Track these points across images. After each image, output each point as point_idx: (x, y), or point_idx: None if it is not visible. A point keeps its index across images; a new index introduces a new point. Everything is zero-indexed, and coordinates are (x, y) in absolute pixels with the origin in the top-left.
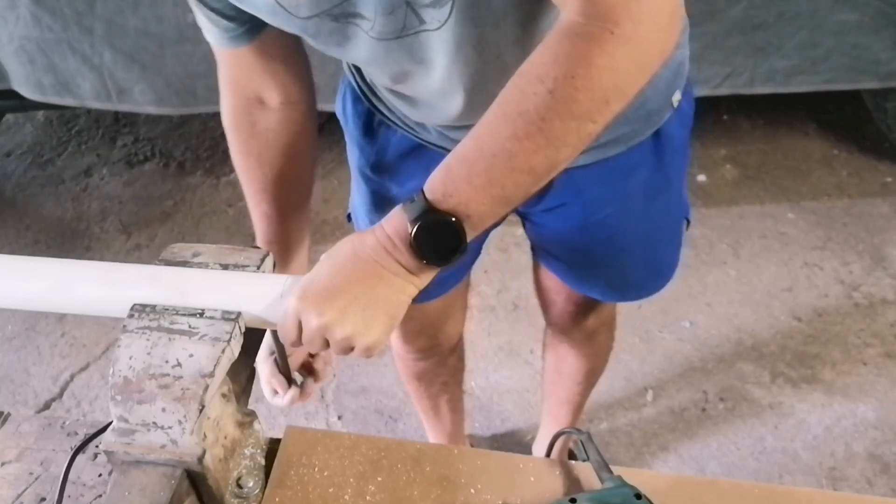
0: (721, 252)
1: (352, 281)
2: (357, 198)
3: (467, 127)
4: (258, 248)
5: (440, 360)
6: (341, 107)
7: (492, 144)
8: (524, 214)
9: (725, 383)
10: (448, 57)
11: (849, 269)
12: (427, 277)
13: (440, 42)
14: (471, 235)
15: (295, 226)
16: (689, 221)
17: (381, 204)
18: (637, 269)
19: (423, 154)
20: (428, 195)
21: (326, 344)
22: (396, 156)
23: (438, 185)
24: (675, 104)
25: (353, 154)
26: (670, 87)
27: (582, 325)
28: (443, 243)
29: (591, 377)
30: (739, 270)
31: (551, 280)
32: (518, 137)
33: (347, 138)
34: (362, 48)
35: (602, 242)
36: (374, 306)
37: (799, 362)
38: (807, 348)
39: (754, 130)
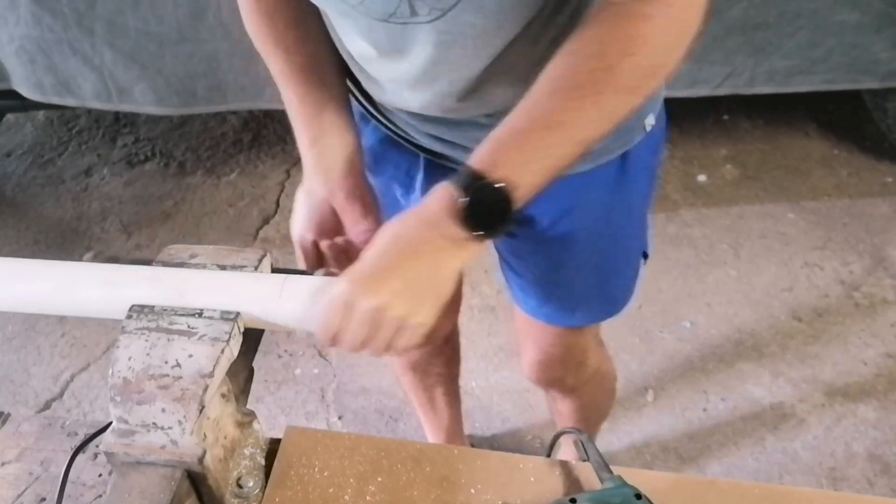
0: (721, 252)
1: (398, 261)
2: None
3: (436, 119)
4: (255, 248)
5: (434, 350)
6: None
7: (544, 116)
8: None
9: (725, 383)
10: (432, 54)
11: (849, 269)
12: (474, 251)
13: (427, 36)
14: (517, 206)
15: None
16: (646, 256)
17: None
18: (586, 292)
19: (393, 149)
20: (476, 166)
21: (372, 335)
22: (368, 147)
23: (486, 155)
24: (648, 128)
25: None
26: (645, 110)
27: (558, 381)
28: (492, 213)
29: (586, 424)
30: (739, 270)
31: (521, 319)
32: (572, 109)
33: None
34: (348, 16)
35: (555, 258)
36: (422, 284)
37: (799, 362)
38: (807, 348)
39: (754, 130)
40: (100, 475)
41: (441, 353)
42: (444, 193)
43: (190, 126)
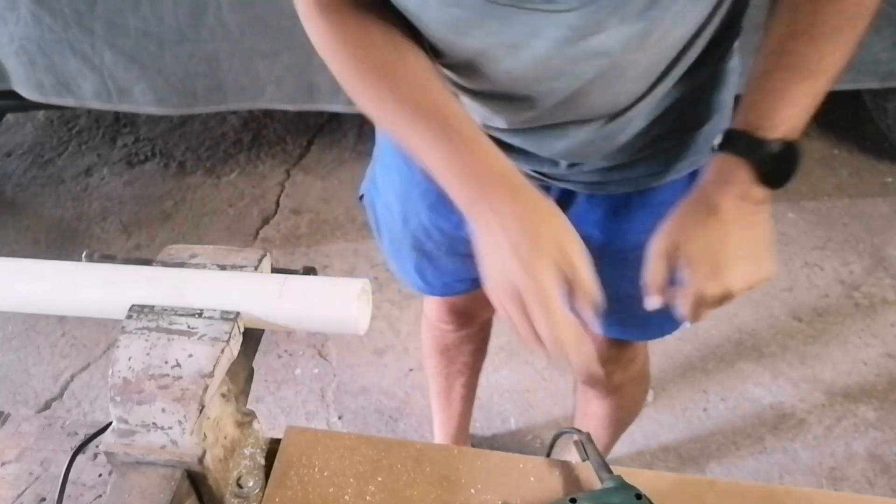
0: None
1: (733, 245)
2: (385, 183)
3: (510, 131)
4: (255, 248)
5: (468, 337)
6: None
7: (807, 66)
8: None
9: (725, 383)
10: (550, 50)
11: (849, 269)
12: (769, 199)
13: (554, 29)
14: (801, 154)
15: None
16: None
17: (409, 191)
18: (645, 310)
19: None
20: (758, 133)
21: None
22: None
23: (762, 120)
24: (716, 147)
25: (386, 144)
26: (716, 128)
27: (606, 377)
28: (787, 169)
29: (616, 426)
30: None
31: None
32: (831, 52)
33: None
34: (461, 5)
35: (616, 273)
36: (759, 252)
37: (799, 362)
38: (807, 348)
39: None
40: (100, 475)
41: (472, 341)
42: (736, 165)
43: (190, 126)
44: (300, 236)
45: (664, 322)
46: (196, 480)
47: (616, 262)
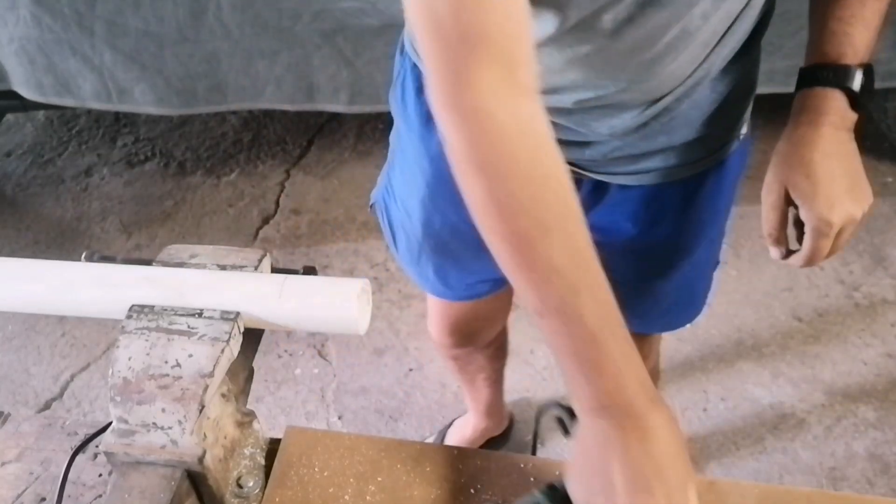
0: (721, 252)
1: (829, 173)
2: (404, 185)
3: (581, 111)
4: (255, 248)
5: (476, 349)
6: (399, 96)
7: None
8: None
9: (725, 383)
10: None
11: (849, 269)
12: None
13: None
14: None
15: None
16: (717, 262)
17: (439, 193)
18: (670, 300)
19: None
20: (842, 61)
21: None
22: None
23: (844, 48)
24: (741, 137)
25: (408, 145)
26: (742, 118)
27: None
28: (868, 87)
29: None
30: (740, 270)
31: None
32: None
33: (403, 129)
34: None
35: (646, 266)
36: (857, 176)
37: (799, 362)
38: (807, 348)
39: (754, 130)
40: (100, 475)
41: (483, 352)
42: (828, 97)
43: (190, 126)
44: (300, 236)
45: (681, 312)
46: (196, 480)
47: (646, 254)
